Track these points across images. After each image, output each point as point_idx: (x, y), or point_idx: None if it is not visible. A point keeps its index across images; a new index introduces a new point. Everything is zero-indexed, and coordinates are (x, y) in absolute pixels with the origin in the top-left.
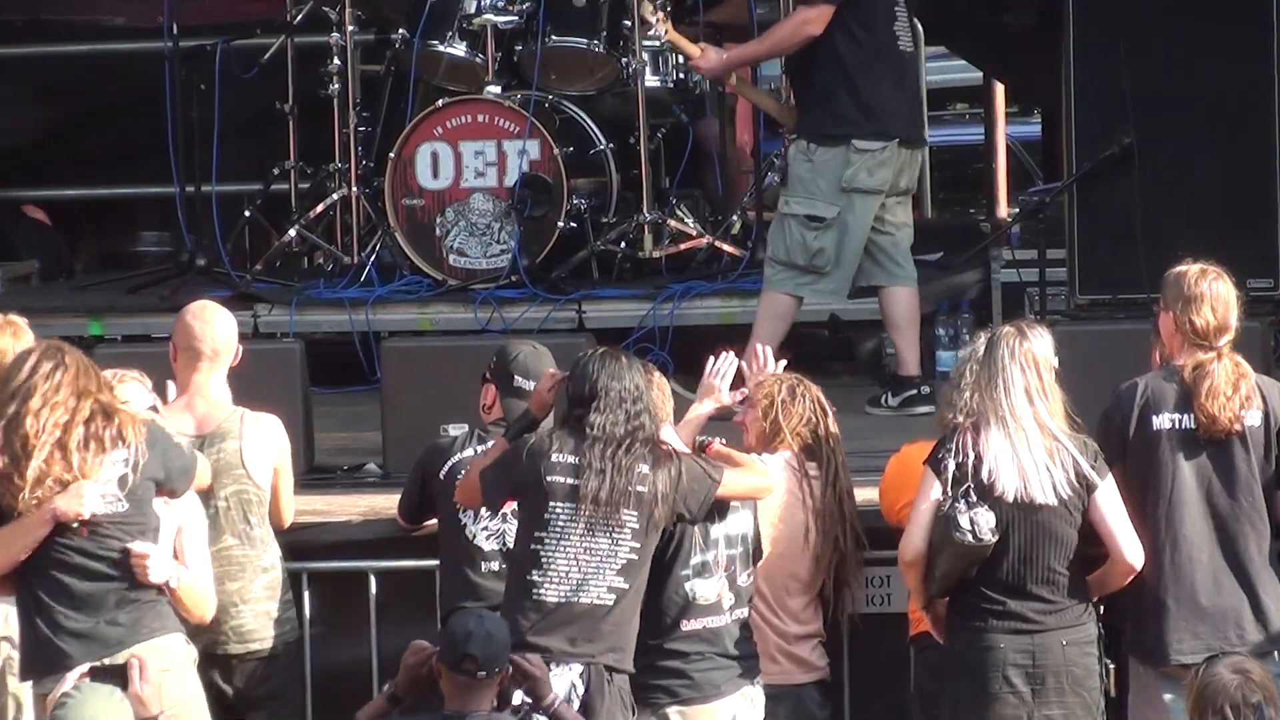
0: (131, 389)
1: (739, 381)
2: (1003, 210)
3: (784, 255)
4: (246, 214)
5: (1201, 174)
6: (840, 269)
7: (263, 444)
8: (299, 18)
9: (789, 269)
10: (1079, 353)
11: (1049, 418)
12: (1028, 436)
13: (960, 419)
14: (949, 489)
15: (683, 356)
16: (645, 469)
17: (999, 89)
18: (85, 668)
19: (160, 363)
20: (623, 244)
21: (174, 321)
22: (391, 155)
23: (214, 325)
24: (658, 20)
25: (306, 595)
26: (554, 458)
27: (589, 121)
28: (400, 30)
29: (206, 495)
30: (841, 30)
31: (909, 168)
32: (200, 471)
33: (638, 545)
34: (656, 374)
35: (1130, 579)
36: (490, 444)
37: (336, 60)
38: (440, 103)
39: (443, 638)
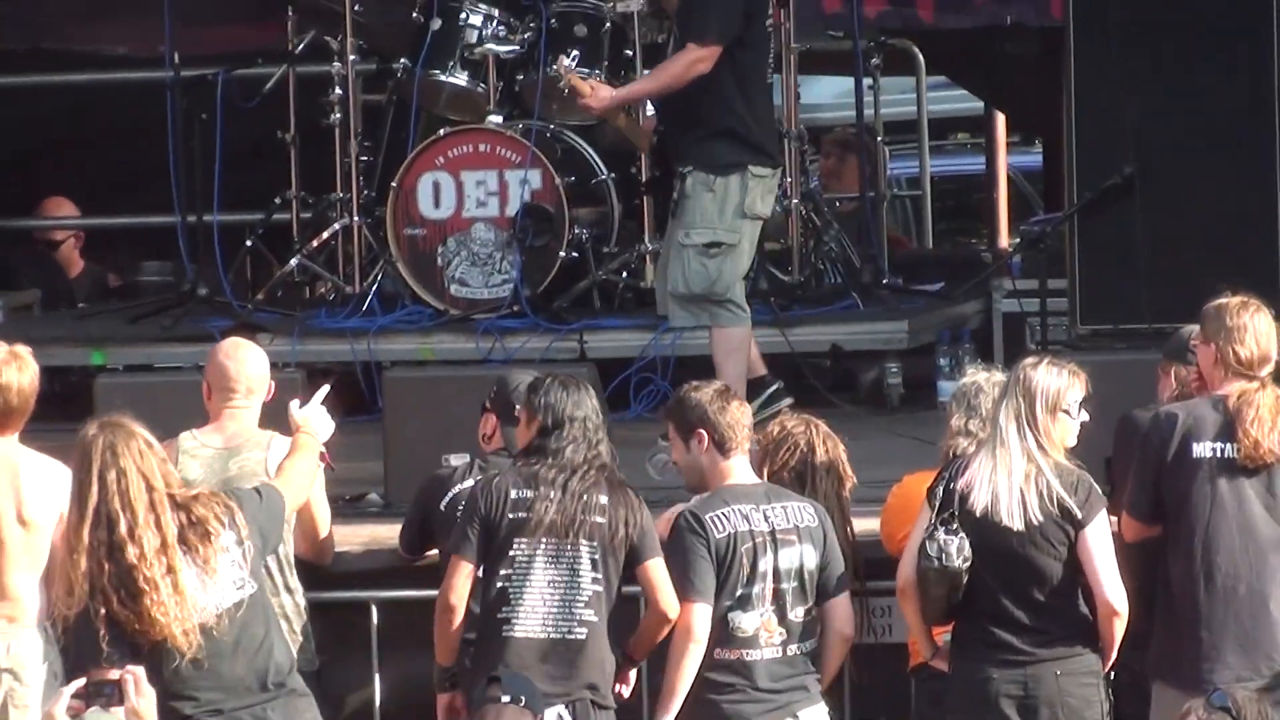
0: None
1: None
2: (1004, 240)
3: (684, 289)
4: (248, 243)
5: (1203, 203)
6: (736, 292)
7: None
8: (300, 47)
9: (691, 301)
10: None
11: (1038, 449)
12: (1010, 463)
13: (959, 445)
14: (934, 515)
15: None
16: (603, 499)
17: (1000, 118)
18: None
19: (163, 392)
20: (624, 274)
21: (181, 351)
22: (393, 185)
23: (247, 364)
24: (561, 64)
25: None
26: (513, 494)
27: (590, 151)
28: (402, 60)
29: None
30: (729, 65)
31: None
32: (284, 504)
33: (600, 576)
34: None
35: (1113, 623)
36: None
37: (338, 89)
38: (442, 132)
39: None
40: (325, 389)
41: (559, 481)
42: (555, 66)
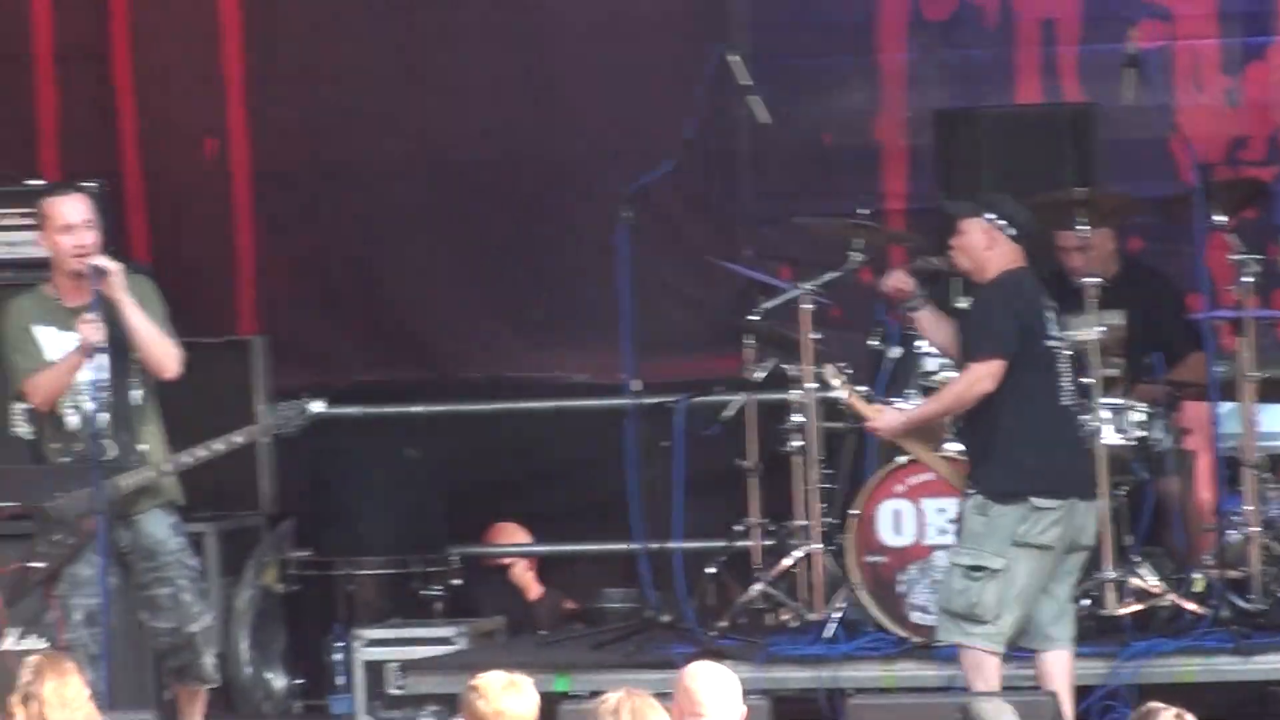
0: None
1: None
2: None
3: (947, 604)
4: (710, 570)
5: None
6: (1003, 620)
7: None
8: (760, 375)
9: (949, 616)
10: None
11: None
12: None
13: None
14: None
15: None
16: None
17: None
18: None
19: None
20: (1086, 601)
21: (645, 678)
22: (854, 512)
23: (718, 689)
24: (839, 382)
25: None
26: None
27: None
28: (864, 386)
29: None
30: (1013, 384)
31: (1086, 524)
32: None
33: None
34: None
35: None
36: None
37: (798, 416)
38: (901, 460)
39: None
40: None
41: None
42: (832, 380)
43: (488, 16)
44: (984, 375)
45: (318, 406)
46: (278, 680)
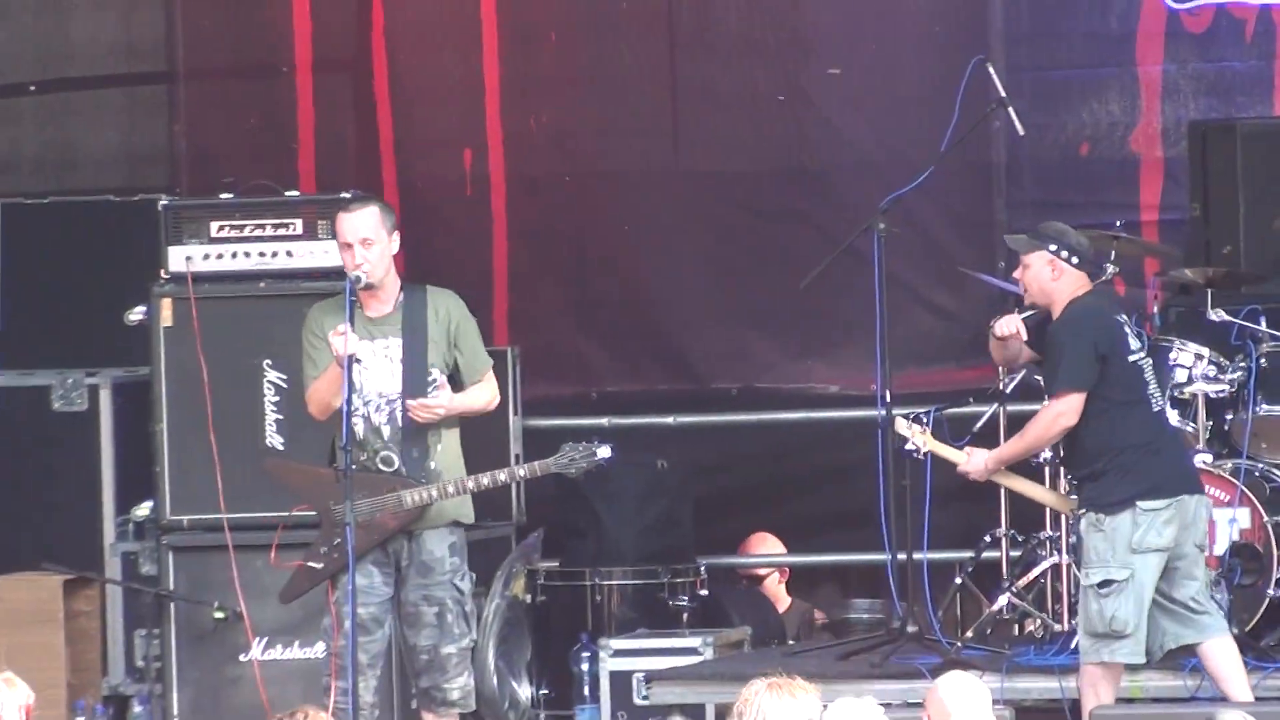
0: None
1: None
2: None
3: (1089, 626)
4: (957, 581)
5: None
6: (1140, 630)
7: None
8: (1011, 385)
9: (1093, 638)
10: None
11: None
12: None
13: None
14: None
15: None
16: None
17: None
18: None
19: None
20: None
21: (891, 689)
22: None
23: (970, 702)
24: (914, 433)
25: None
26: None
27: None
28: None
29: None
30: (1097, 405)
31: (1198, 520)
32: None
33: None
34: None
35: None
36: None
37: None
38: None
39: None
40: None
41: None
42: (910, 434)
43: (747, 26)
44: (1063, 411)
45: (605, 452)
46: (524, 690)
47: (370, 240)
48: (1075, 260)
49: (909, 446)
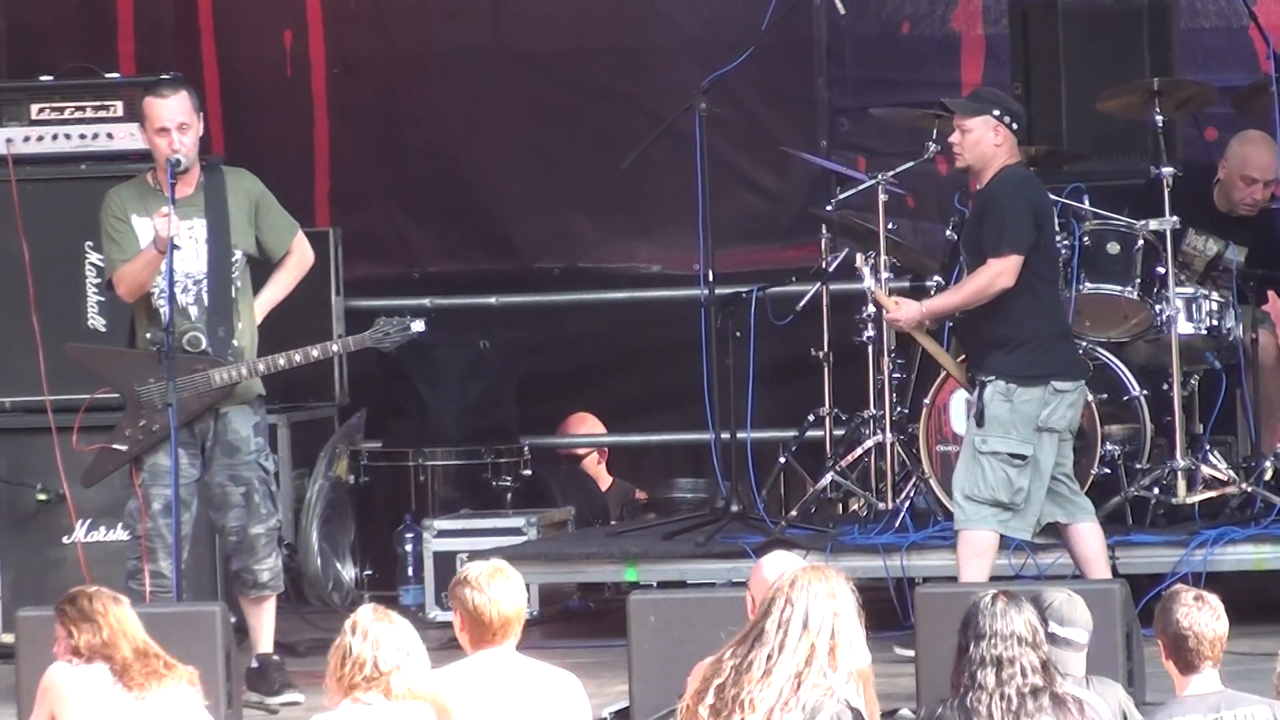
0: None
1: None
2: None
3: (987, 493)
4: (781, 460)
5: None
6: (1031, 507)
7: None
8: (834, 265)
9: (990, 506)
10: None
11: None
12: None
13: None
14: None
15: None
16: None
17: None
18: None
19: (695, 609)
20: (1156, 490)
21: (714, 568)
22: (925, 401)
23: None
24: (867, 271)
25: None
26: None
27: (1122, 368)
28: (934, 277)
29: None
30: (1025, 278)
31: (1080, 406)
32: None
33: None
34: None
35: None
36: None
37: (871, 307)
38: None
39: None
40: None
41: (983, 704)
42: (861, 273)
43: None
44: (1004, 270)
45: (418, 326)
46: (347, 571)
47: (186, 125)
48: (1015, 126)
49: (861, 284)
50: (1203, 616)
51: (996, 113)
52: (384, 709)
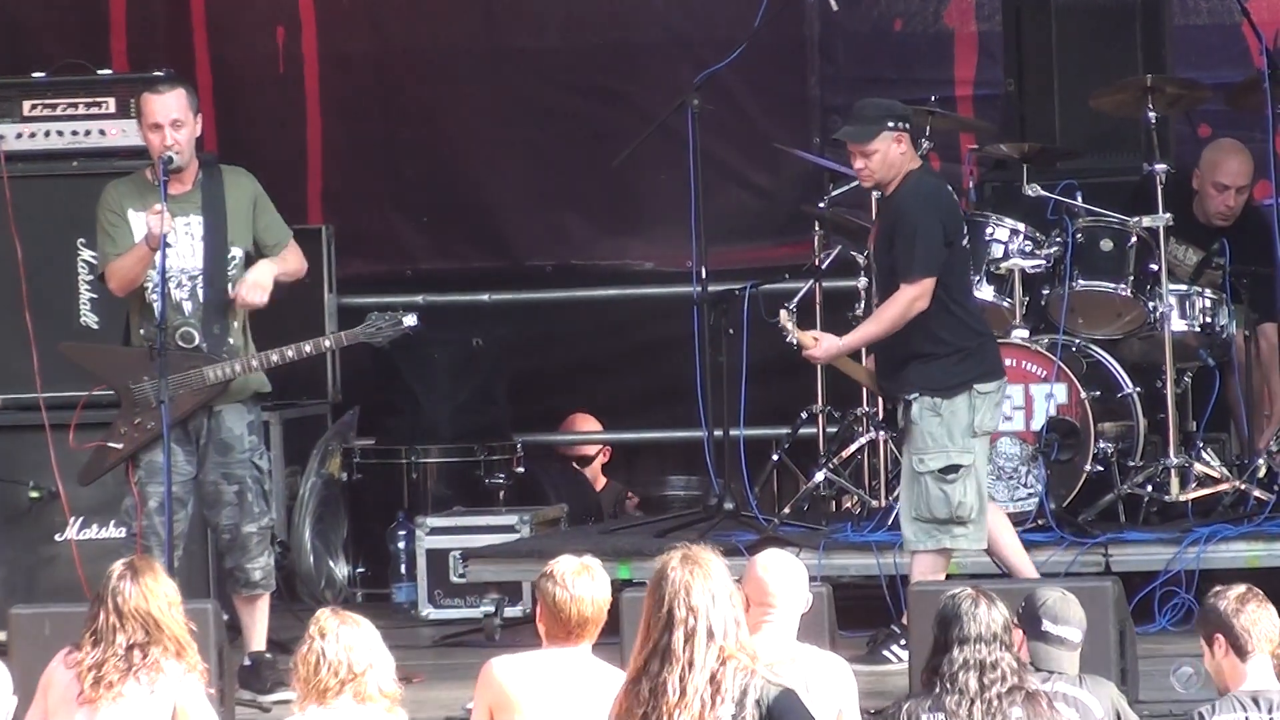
0: None
1: None
2: None
3: (928, 513)
4: (774, 457)
5: None
6: (980, 516)
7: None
8: (827, 262)
9: (935, 524)
10: None
11: None
12: None
13: None
14: None
15: None
16: (1018, 712)
17: None
18: None
19: None
20: (1149, 487)
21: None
22: None
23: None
24: (785, 320)
25: None
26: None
27: (1115, 366)
28: (857, 307)
29: None
30: (941, 291)
31: (1002, 404)
32: None
33: None
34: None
35: None
36: None
37: (864, 304)
38: None
39: None
40: None
41: (963, 707)
42: (779, 318)
43: None
44: (919, 295)
45: (410, 320)
46: (340, 568)
47: (180, 122)
48: (907, 126)
49: (773, 320)
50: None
51: (891, 124)
52: (352, 712)
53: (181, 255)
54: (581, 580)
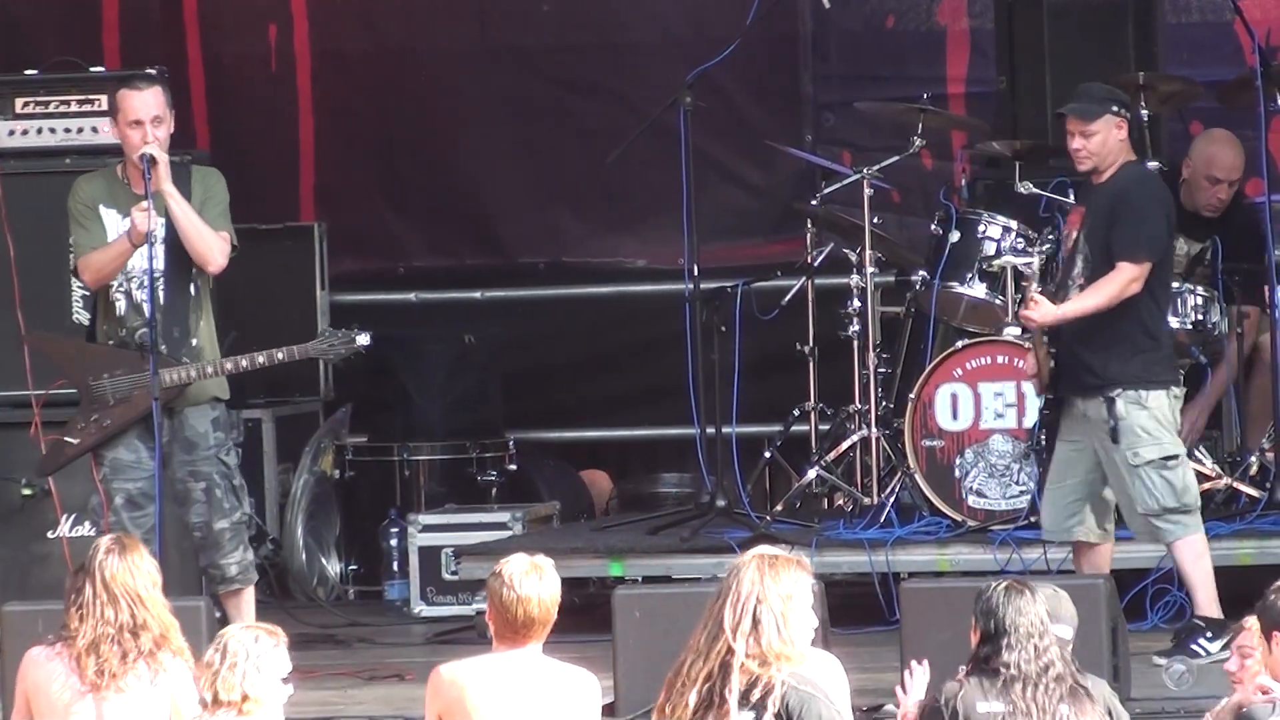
0: None
1: None
2: None
3: (1159, 505)
4: (766, 455)
5: None
6: (1199, 500)
7: None
8: (819, 260)
9: (1174, 514)
10: None
11: None
12: None
13: None
14: None
15: None
16: (1065, 709)
17: None
18: None
19: (680, 604)
20: None
21: (699, 563)
22: (911, 396)
23: None
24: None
25: None
26: (980, 708)
27: None
28: (920, 272)
29: None
30: (1152, 279)
31: None
32: None
33: None
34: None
35: None
36: None
37: (856, 301)
38: (959, 344)
39: None
40: None
41: (1026, 695)
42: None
43: None
44: (1137, 276)
45: (364, 340)
46: (332, 566)
47: (160, 119)
48: (1129, 115)
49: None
50: None
51: (1115, 109)
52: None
53: (145, 256)
54: (529, 580)
